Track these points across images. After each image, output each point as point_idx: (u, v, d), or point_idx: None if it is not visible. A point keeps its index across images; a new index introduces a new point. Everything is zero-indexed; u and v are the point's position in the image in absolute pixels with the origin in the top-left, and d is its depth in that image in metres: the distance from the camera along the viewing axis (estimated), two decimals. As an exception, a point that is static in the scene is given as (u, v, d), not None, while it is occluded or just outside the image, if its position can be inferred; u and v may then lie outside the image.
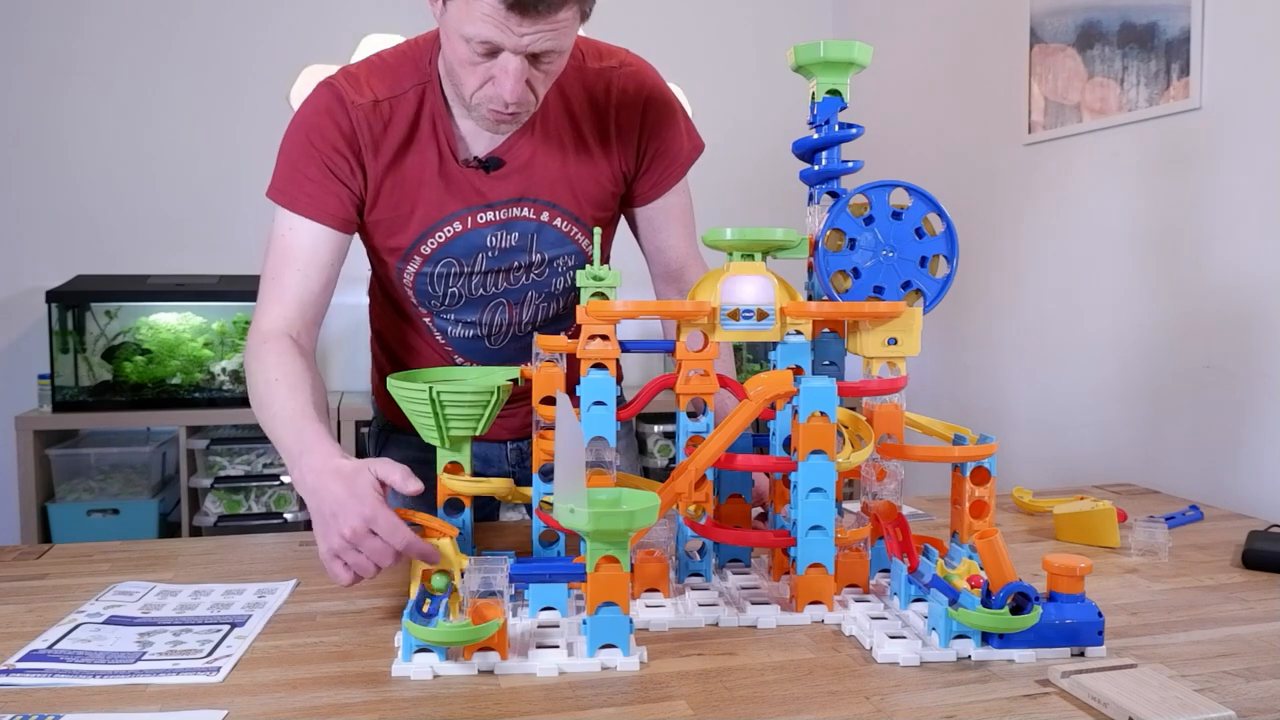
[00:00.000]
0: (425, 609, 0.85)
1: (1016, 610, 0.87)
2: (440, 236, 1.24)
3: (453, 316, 1.32)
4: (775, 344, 1.08)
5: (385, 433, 1.47)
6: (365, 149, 1.19)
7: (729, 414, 0.99)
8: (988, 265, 2.50)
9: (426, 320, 1.34)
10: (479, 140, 1.23)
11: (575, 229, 1.29)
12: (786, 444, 1.06)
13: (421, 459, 1.39)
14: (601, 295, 1.07)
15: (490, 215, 1.24)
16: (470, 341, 1.35)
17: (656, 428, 3.09)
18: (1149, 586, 1.11)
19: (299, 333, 1.18)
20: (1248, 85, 1.74)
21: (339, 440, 1.22)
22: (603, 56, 1.27)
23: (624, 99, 1.26)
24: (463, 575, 0.88)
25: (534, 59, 1.07)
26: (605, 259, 1.39)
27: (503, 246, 1.27)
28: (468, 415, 1.04)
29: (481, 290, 1.29)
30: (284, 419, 1.07)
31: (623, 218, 1.39)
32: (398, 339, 1.39)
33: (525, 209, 1.25)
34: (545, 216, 1.26)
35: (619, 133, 1.27)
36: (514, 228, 1.26)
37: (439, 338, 1.35)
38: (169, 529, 2.81)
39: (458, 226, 1.24)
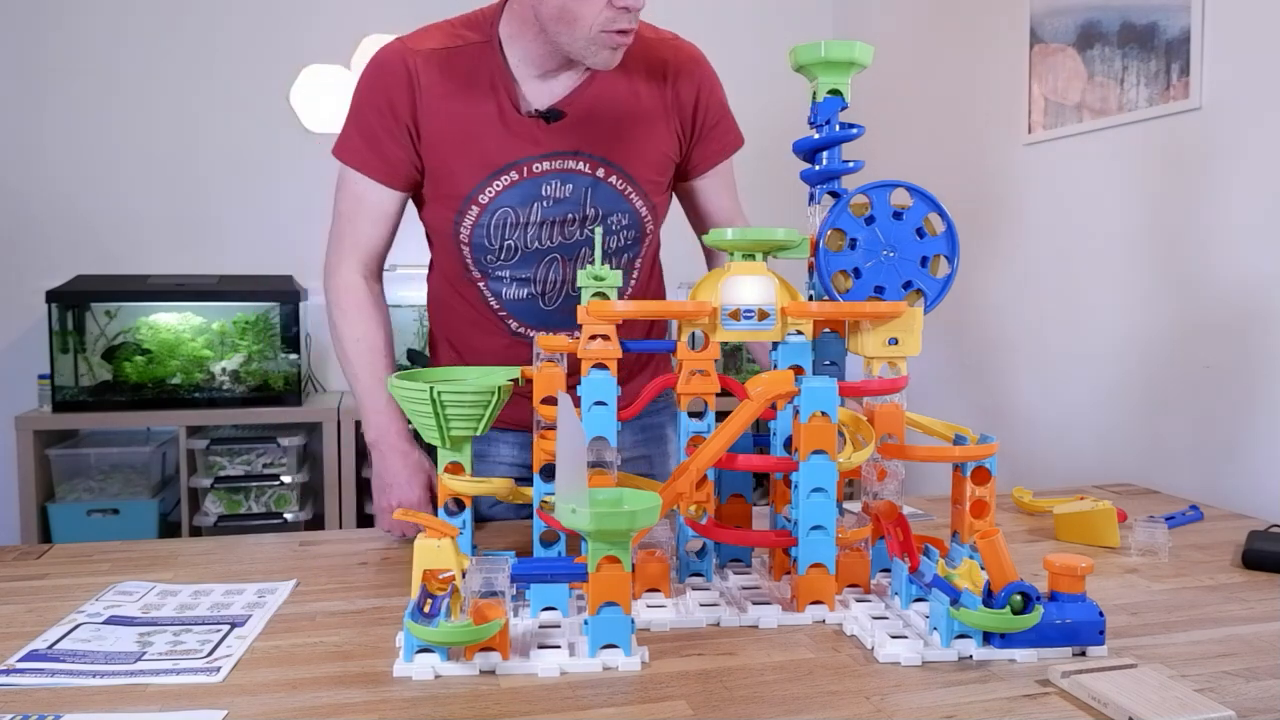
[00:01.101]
0: (427, 609, 0.85)
1: (1018, 610, 0.87)
2: (498, 185, 1.29)
3: (507, 275, 1.35)
4: (776, 344, 1.08)
5: None
6: (424, 91, 1.27)
7: (730, 414, 0.99)
8: (988, 265, 2.50)
9: (481, 285, 1.37)
10: (540, 97, 1.29)
11: (630, 189, 1.33)
12: (787, 444, 1.06)
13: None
14: (602, 295, 1.07)
15: (546, 165, 1.29)
16: (524, 303, 1.37)
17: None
18: (1149, 586, 1.11)
19: (370, 277, 1.37)
20: (1248, 85, 1.74)
21: (341, 440, 1.31)
22: (658, 31, 1.38)
23: (680, 70, 1.36)
24: (464, 575, 0.88)
25: None
26: (656, 237, 1.44)
27: (557, 196, 1.31)
28: (468, 415, 1.04)
29: (536, 243, 1.33)
30: (365, 383, 1.32)
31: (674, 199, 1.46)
32: (455, 318, 1.43)
33: (582, 163, 1.30)
34: (601, 173, 1.31)
35: (676, 100, 1.36)
36: (569, 179, 1.31)
37: (494, 302, 1.38)
38: (169, 529, 2.81)
39: (514, 175, 1.29)
